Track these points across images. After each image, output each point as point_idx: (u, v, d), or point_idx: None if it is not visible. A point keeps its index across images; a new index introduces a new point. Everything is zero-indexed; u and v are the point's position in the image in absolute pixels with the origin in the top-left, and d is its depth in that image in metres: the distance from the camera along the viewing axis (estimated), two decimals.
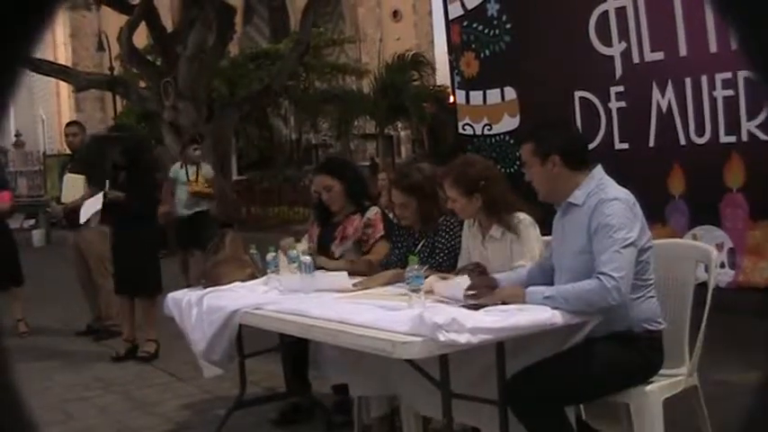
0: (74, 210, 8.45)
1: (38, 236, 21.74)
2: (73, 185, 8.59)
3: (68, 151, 9.62)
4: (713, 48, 5.51)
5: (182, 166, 10.07)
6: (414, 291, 3.83)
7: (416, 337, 3.36)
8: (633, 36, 6.13)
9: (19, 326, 9.07)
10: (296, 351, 5.29)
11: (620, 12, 6.21)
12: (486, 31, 7.27)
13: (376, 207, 5.37)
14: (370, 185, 6.69)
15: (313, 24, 23.18)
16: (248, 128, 32.52)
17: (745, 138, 5.51)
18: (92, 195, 8.00)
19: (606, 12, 6.31)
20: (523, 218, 4.27)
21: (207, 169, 10.35)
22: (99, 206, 7.74)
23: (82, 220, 7.94)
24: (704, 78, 5.70)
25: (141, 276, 7.63)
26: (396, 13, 52.03)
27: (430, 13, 50.52)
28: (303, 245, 5.38)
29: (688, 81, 5.82)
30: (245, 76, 30.33)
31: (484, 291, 3.83)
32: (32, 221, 23.64)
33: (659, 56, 6.01)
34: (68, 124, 9.60)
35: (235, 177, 26.34)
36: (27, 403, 0.89)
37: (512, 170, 6.69)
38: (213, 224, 9.61)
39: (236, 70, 30.67)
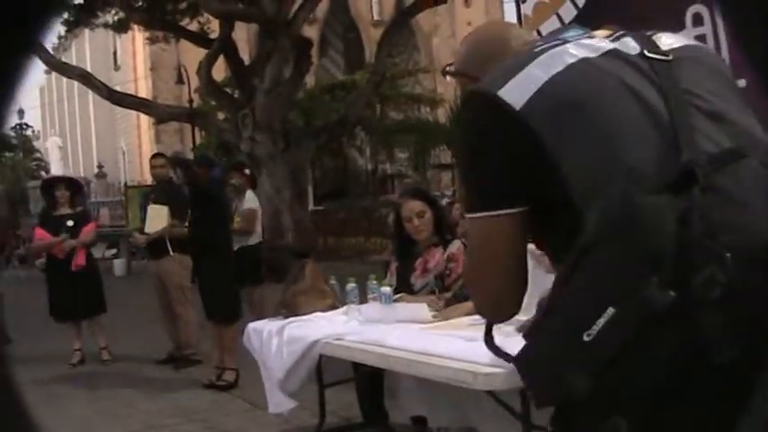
0: (156, 240, 8.62)
1: (119, 265, 22.15)
2: (156, 216, 8.73)
3: (149, 182, 9.80)
4: None
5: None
6: None
7: (498, 369, 3.34)
8: None
9: (102, 353, 9.25)
10: (372, 381, 5.29)
11: (700, 40, 6.13)
12: None
13: (458, 241, 5.33)
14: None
15: (388, 55, 23.34)
16: (324, 158, 32.77)
17: None
18: (175, 226, 8.21)
19: None
20: None
21: (247, 199, 8.90)
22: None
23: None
24: None
25: (217, 304, 7.72)
26: None
27: None
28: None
29: None
30: (320, 108, 30.59)
31: None
32: (114, 251, 24.10)
33: (740, 83, 5.93)
34: (154, 156, 9.76)
35: (311, 208, 26.55)
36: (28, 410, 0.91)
37: None
38: (255, 261, 8.77)
39: (312, 102, 30.94)
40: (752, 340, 1.39)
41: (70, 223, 9.14)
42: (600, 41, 1.77)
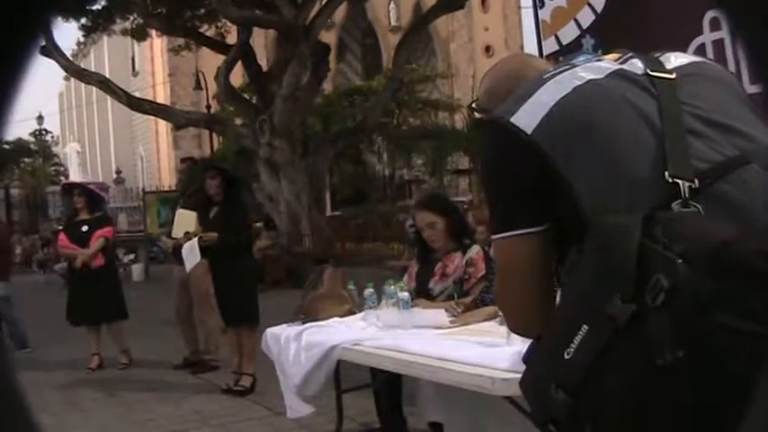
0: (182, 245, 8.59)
1: (137, 270, 22.20)
2: (184, 221, 8.65)
3: (166, 188, 9.83)
4: None
5: None
6: None
7: (516, 374, 3.33)
8: (732, 68, 6.02)
9: (121, 358, 9.27)
10: (390, 386, 5.28)
11: (718, 44, 6.10)
12: None
13: (477, 246, 5.31)
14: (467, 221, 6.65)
15: (406, 61, 23.34)
16: (342, 164, 32.79)
17: None
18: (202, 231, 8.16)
19: (703, 44, 6.20)
20: None
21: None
22: (198, 255, 7.92)
23: (187, 268, 8.16)
24: None
25: (238, 309, 7.74)
26: (488, 49, 52.09)
27: (522, 47, 50.47)
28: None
29: None
30: (338, 113, 30.64)
31: None
32: (132, 256, 24.17)
33: (756, 89, 5.89)
34: (183, 160, 9.77)
35: (329, 213, 26.56)
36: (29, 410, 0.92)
37: None
38: None
39: (330, 107, 31.01)
40: (697, 342, 1.41)
41: (84, 229, 9.18)
42: (608, 63, 1.84)
